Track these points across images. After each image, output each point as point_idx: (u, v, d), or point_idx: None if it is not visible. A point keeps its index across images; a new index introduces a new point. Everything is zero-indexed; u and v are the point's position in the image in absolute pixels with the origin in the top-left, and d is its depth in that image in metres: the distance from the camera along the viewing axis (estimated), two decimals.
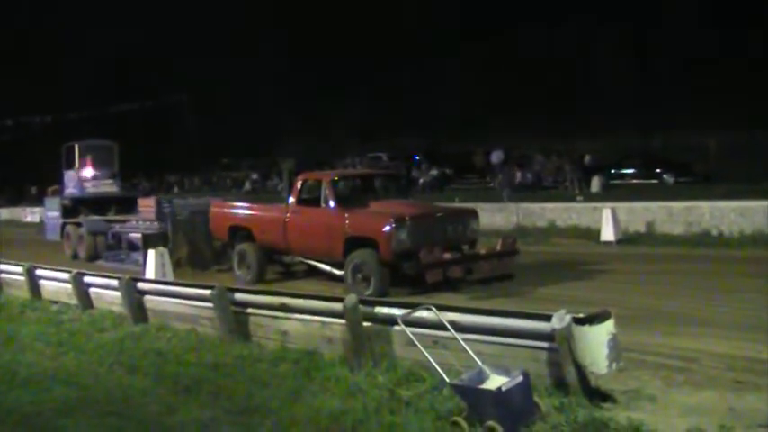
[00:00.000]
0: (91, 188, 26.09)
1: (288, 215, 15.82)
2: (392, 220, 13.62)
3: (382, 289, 13.39)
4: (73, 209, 25.55)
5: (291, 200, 15.99)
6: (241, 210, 17.78)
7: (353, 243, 14.17)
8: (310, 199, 15.60)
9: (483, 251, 14.68)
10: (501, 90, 51.69)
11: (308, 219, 15.40)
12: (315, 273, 15.96)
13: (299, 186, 15.96)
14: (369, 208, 14.93)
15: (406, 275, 13.74)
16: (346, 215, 14.53)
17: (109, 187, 26.29)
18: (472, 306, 8.86)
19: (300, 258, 16.25)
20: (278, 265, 17.10)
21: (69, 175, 26.55)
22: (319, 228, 15.02)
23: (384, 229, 13.60)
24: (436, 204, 18.52)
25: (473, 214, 15.36)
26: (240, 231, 17.06)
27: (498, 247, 14.64)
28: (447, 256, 13.76)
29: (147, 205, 22.25)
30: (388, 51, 59.65)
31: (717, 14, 44.10)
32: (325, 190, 15.03)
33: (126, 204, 24.38)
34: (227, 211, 18.03)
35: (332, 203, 14.86)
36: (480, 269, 14.33)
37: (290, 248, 16.02)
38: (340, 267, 14.51)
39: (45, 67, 72.70)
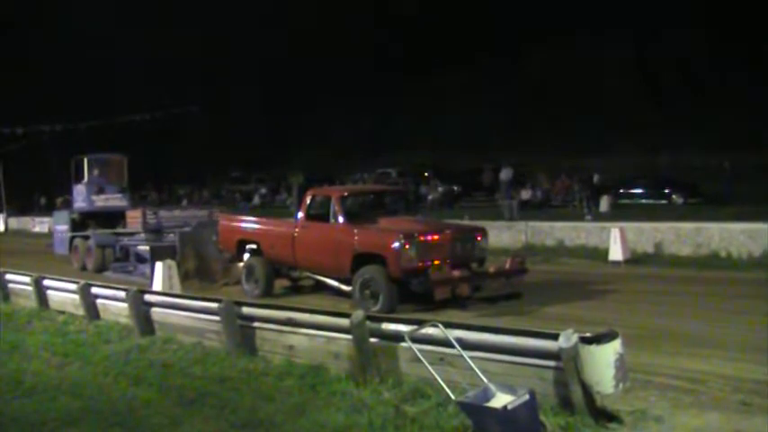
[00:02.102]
0: (100, 202, 26.14)
1: (296, 230, 15.84)
2: (401, 236, 13.61)
3: (390, 305, 13.37)
4: (81, 222, 25.63)
5: (300, 215, 16.01)
6: (249, 224, 17.80)
7: (362, 259, 14.16)
8: (319, 214, 15.56)
9: (491, 269, 14.64)
10: (510, 108, 51.80)
11: (317, 234, 15.40)
12: (323, 288, 15.97)
13: (307, 201, 15.96)
14: (377, 224, 14.94)
15: (414, 292, 13.72)
16: (355, 231, 14.52)
17: (118, 201, 26.31)
18: (479, 324, 8.84)
19: (308, 273, 16.26)
20: (286, 279, 17.10)
21: (78, 189, 26.61)
22: (328, 243, 15.02)
23: (393, 246, 13.59)
24: (445, 221, 18.49)
25: (482, 232, 15.33)
26: (248, 245, 17.10)
27: (507, 266, 14.60)
28: (455, 273, 13.74)
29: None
30: (399, 65, 59.88)
31: (727, 32, 44.15)
32: (334, 206, 15.01)
33: None
34: (235, 224, 18.06)
35: (341, 219, 14.85)
36: (488, 287, 14.31)
37: (298, 263, 16.02)
38: (348, 283, 14.50)
39: (54, 75, 73.15)
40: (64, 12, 73.42)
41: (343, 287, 14.82)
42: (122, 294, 12.70)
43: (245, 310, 10.48)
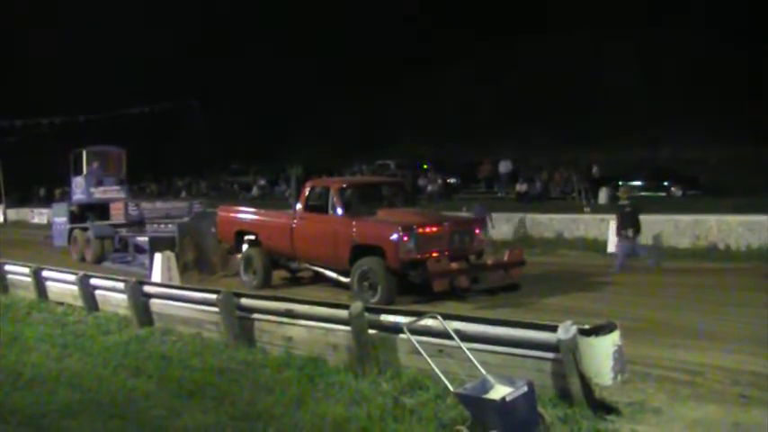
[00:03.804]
0: (98, 194, 26.11)
1: (295, 221, 15.82)
2: (399, 228, 13.60)
3: (389, 297, 13.38)
4: (80, 214, 25.63)
5: (299, 206, 16.00)
6: (248, 215, 17.78)
7: (360, 251, 14.17)
8: (317, 206, 15.55)
9: (490, 261, 14.68)
10: (509, 100, 51.72)
11: (315, 225, 15.39)
12: (321, 279, 15.97)
13: (306, 193, 15.95)
14: (376, 216, 14.91)
15: (413, 284, 13.72)
16: (353, 223, 14.52)
17: (116, 193, 26.26)
18: (478, 315, 8.83)
19: (307, 265, 16.25)
20: (284, 270, 17.09)
21: (77, 181, 26.57)
22: (326, 235, 15.01)
23: (391, 238, 13.59)
24: (443, 213, 18.48)
25: (480, 224, 15.34)
26: (247, 236, 17.08)
27: (505, 258, 14.63)
28: (454, 265, 13.75)
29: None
30: (398, 59, 59.76)
31: (726, 26, 44.07)
32: (333, 197, 15.01)
33: None
34: (234, 216, 18.04)
35: (339, 211, 14.85)
36: (487, 279, 14.30)
37: (297, 255, 16.02)
38: (347, 274, 14.50)
39: (53, 67, 73.08)
40: (64, 11, 73.35)
41: (342, 278, 14.83)
42: (121, 285, 12.71)
43: (244, 301, 10.49)
